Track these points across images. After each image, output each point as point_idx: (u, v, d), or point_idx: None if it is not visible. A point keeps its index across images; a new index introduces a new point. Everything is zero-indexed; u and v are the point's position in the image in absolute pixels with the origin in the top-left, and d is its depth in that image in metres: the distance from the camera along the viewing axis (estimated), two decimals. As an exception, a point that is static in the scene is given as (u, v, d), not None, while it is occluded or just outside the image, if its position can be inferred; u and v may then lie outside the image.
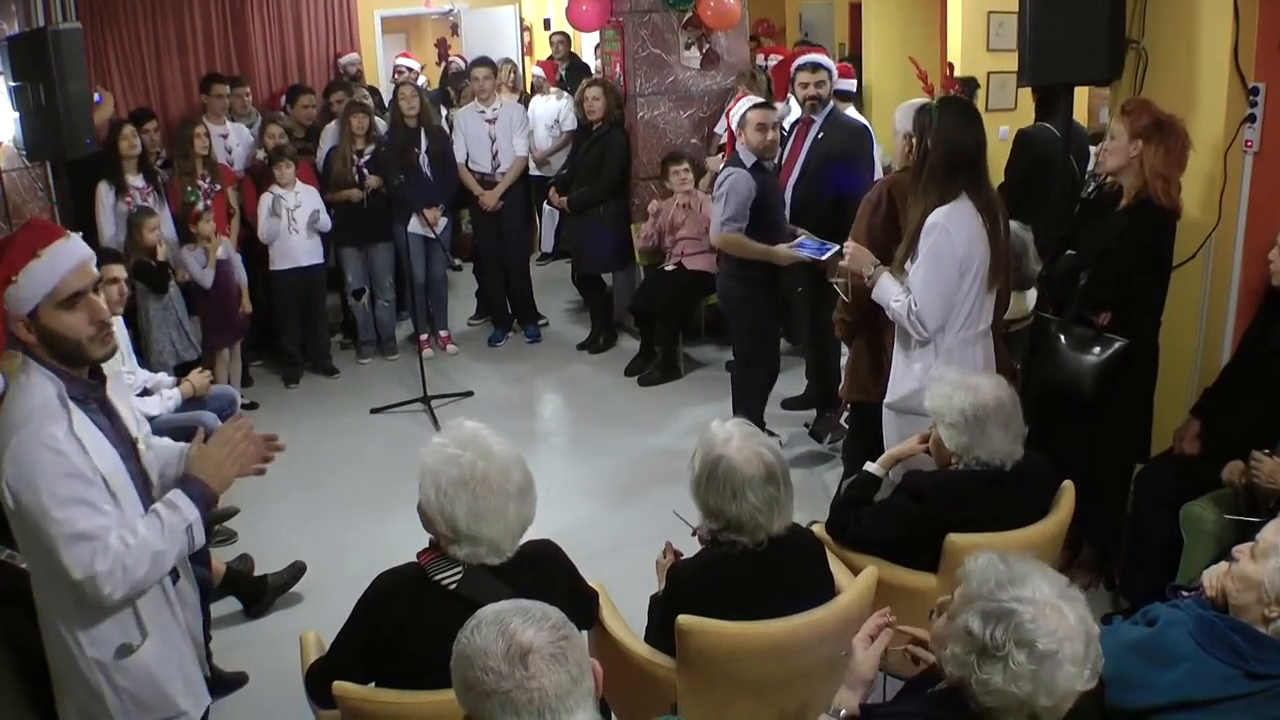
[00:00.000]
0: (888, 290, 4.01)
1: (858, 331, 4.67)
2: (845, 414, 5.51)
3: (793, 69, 6.36)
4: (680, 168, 7.39)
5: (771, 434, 5.90)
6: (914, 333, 3.98)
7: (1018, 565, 2.12)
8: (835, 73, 6.38)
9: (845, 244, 4.29)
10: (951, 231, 3.85)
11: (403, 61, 10.67)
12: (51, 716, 3.07)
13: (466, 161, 8.01)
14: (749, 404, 5.89)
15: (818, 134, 6.11)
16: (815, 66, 6.21)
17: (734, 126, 5.72)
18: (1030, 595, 2.04)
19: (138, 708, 2.75)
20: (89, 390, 2.68)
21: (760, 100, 5.68)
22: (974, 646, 2.05)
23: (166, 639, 2.78)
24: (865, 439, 4.67)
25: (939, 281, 3.89)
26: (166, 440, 3.05)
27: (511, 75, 9.13)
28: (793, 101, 6.80)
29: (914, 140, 3.98)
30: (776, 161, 6.13)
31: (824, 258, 5.19)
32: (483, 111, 8.00)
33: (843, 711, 2.42)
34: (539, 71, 10.30)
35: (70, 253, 2.59)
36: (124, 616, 2.68)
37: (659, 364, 7.35)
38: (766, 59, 8.75)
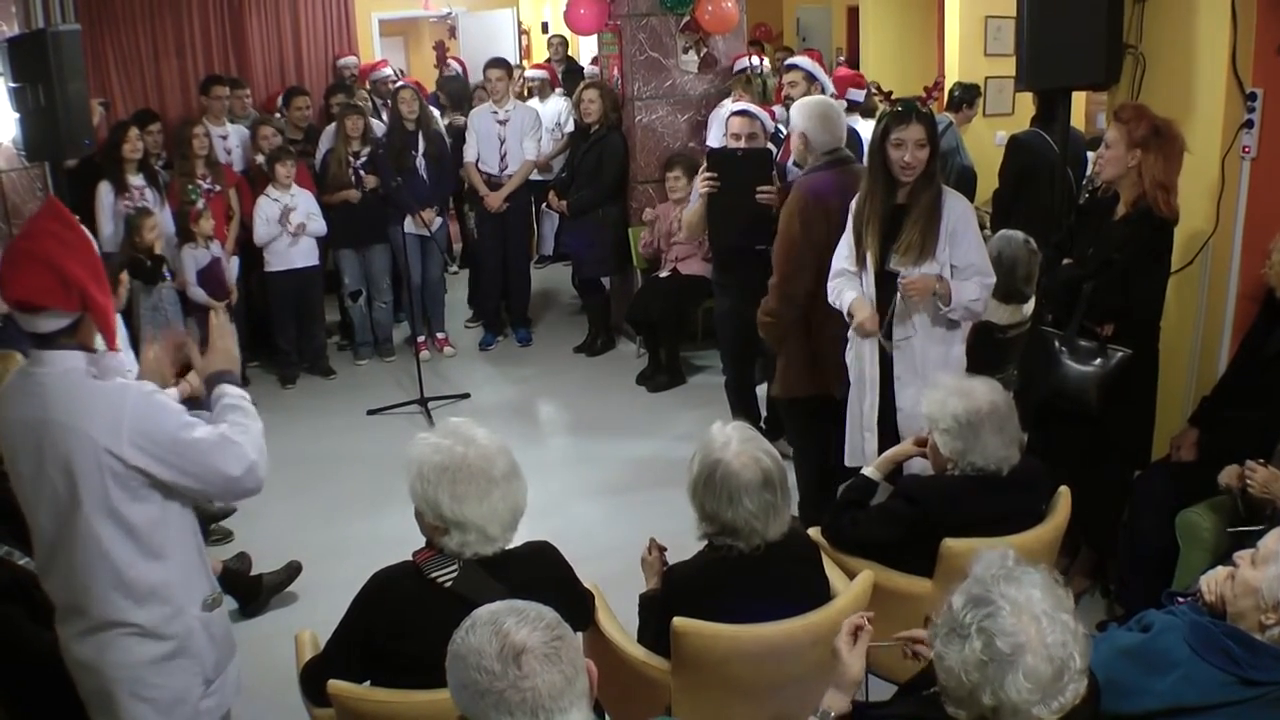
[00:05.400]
0: (965, 290, 4.01)
1: (789, 332, 4.66)
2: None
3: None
4: (673, 174, 7.33)
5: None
6: (981, 311, 4.13)
7: (1025, 570, 2.10)
8: (816, 73, 6.47)
9: (901, 282, 4.01)
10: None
11: (382, 72, 10.67)
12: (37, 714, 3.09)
13: (477, 161, 8.03)
14: (732, 407, 6.00)
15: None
16: (790, 68, 6.54)
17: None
18: (1017, 596, 2.03)
19: (222, 655, 2.93)
20: None
21: (743, 108, 5.64)
22: (949, 622, 2.07)
23: None
24: (817, 432, 4.74)
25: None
26: None
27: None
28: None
29: (933, 145, 4.04)
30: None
31: None
32: (495, 112, 8.02)
33: (832, 713, 2.42)
34: (540, 74, 10.31)
35: None
36: (200, 570, 2.89)
37: (665, 369, 7.35)
38: (761, 60, 8.75)
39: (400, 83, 9.00)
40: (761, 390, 6.13)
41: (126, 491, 2.63)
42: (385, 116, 8.68)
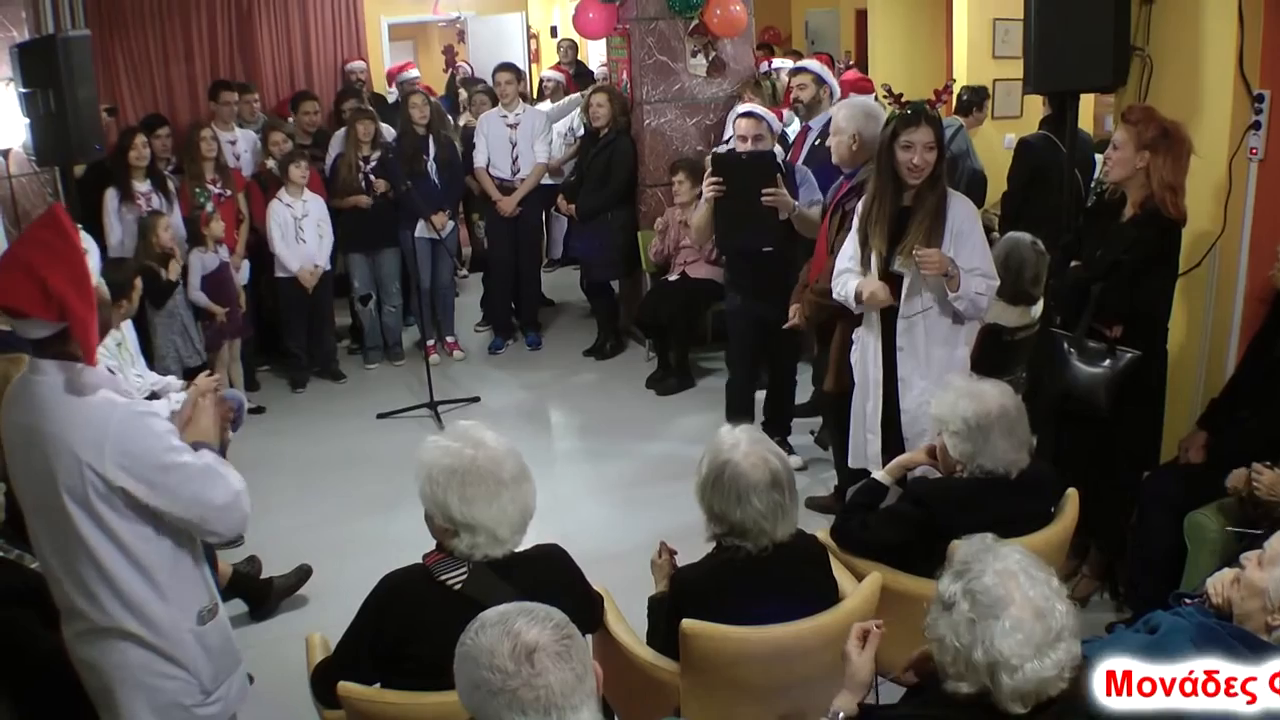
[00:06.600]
0: (972, 281, 4.05)
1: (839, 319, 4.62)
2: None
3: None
4: (676, 178, 7.29)
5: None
6: (986, 309, 4.17)
7: (1004, 544, 2.21)
8: (825, 77, 6.51)
9: (916, 252, 4.00)
10: None
11: (409, 74, 10.72)
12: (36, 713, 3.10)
13: (488, 166, 8.05)
14: (729, 407, 6.00)
15: (815, 140, 6.14)
16: (798, 71, 6.62)
17: None
18: (995, 562, 2.13)
19: (221, 666, 2.89)
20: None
21: (749, 109, 5.64)
22: (937, 601, 2.16)
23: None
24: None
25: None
26: None
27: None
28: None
29: (940, 147, 4.11)
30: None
31: None
32: (505, 116, 8.04)
33: (841, 715, 2.43)
34: (557, 76, 10.32)
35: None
36: (196, 582, 2.84)
37: (674, 372, 7.36)
38: (770, 64, 8.78)
39: (410, 87, 9.03)
40: (760, 394, 6.12)
41: (111, 509, 2.60)
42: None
